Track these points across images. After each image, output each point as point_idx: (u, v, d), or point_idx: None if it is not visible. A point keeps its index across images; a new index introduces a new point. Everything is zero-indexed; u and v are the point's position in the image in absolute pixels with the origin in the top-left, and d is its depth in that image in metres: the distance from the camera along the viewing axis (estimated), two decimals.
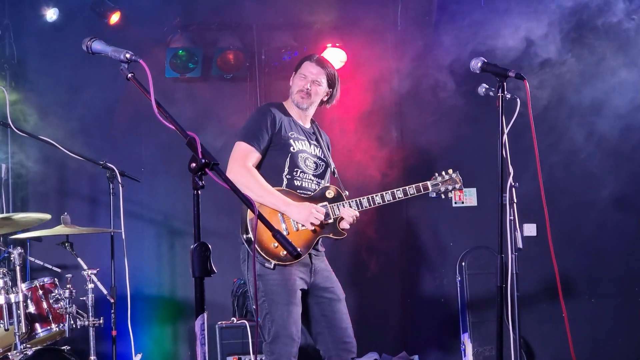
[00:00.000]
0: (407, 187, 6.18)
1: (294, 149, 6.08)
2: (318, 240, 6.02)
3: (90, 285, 7.00)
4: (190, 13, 9.30)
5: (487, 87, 5.64)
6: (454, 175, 6.33)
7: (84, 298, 6.99)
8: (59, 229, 7.08)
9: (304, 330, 6.01)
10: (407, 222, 9.50)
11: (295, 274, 5.87)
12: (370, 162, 9.13)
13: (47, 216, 7.26)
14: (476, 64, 5.52)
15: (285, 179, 6.01)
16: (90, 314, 6.97)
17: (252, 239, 5.74)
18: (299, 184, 6.05)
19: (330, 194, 6.09)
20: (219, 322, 7.92)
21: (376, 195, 6.12)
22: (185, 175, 3.72)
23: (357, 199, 6.09)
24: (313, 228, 5.90)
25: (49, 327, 6.77)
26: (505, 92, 5.39)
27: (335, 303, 6.06)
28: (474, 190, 9.40)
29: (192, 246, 3.64)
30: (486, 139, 8.52)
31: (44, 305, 6.78)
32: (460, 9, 9.26)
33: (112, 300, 7.66)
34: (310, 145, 6.25)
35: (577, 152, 9.27)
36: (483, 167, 8.84)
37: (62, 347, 6.72)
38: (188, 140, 3.67)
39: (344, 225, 6.07)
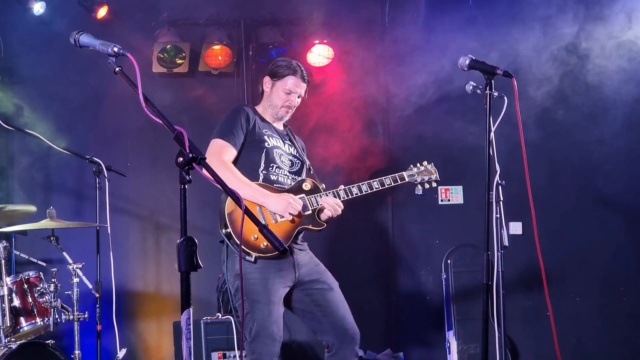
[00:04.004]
0: (383, 178, 6.21)
1: (268, 144, 6.11)
2: (298, 232, 6.01)
3: (76, 280, 7.00)
4: (177, 8, 9.28)
5: (475, 84, 5.64)
6: (429, 167, 6.38)
7: (69, 292, 6.99)
8: (45, 223, 7.07)
9: (288, 326, 6.01)
10: (393, 220, 9.50)
11: (275, 272, 5.87)
12: (356, 159, 9.13)
13: (32, 208, 7.25)
14: (464, 61, 5.52)
15: (261, 174, 6.04)
16: (75, 309, 6.97)
17: (232, 234, 5.75)
18: (275, 179, 6.08)
19: (307, 186, 6.11)
20: (204, 318, 7.90)
21: (353, 186, 6.13)
22: (171, 169, 3.72)
23: (334, 190, 6.10)
24: (292, 218, 5.90)
25: (33, 321, 6.77)
26: (493, 90, 5.40)
27: (327, 292, 6.06)
28: (460, 188, 9.41)
29: (178, 241, 3.64)
30: (473, 136, 8.58)
31: (29, 299, 6.78)
32: (448, 7, 9.28)
33: (97, 295, 7.65)
34: (284, 144, 6.28)
35: (564, 151, 9.30)
36: (469, 165, 8.89)
37: (47, 341, 6.72)
38: (175, 134, 3.66)
39: (325, 215, 6.07)
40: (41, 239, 7.40)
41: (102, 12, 8.93)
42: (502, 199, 5.41)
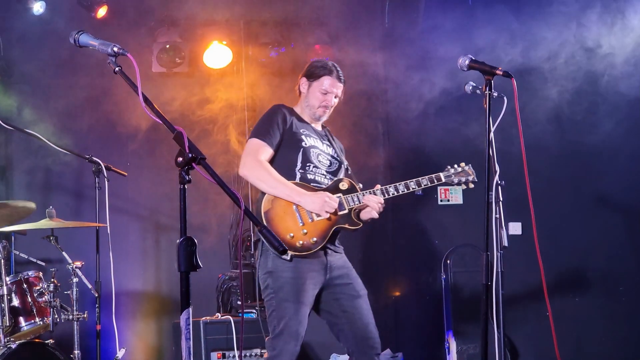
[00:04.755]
0: (420, 179, 6.18)
1: (305, 144, 6.12)
2: (334, 231, 6.03)
3: (75, 280, 6.99)
4: (177, 8, 9.27)
5: (475, 84, 5.63)
6: (466, 168, 6.32)
7: (69, 292, 6.98)
8: (44, 223, 7.07)
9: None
10: (393, 220, 9.49)
11: (307, 272, 5.90)
12: (357, 158, 9.12)
13: (32, 204, 7.25)
14: (464, 61, 5.51)
15: (298, 173, 6.05)
16: (75, 308, 6.96)
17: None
18: (312, 178, 6.09)
19: (344, 186, 6.11)
20: (204, 318, 7.90)
21: (390, 186, 6.13)
22: (171, 169, 3.72)
23: (371, 190, 6.11)
24: (328, 216, 5.91)
25: (33, 321, 6.78)
26: (493, 90, 5.39)
27: (355, 299, 6.07)
28: (459, 189, 9.40)
29: (177, 240, 3.63)
30: (473, 137, 8.58)
31: (28, 298, 6.78)
32: (448, 6, 9.28)
33: (96, 295, 7.64)
34: (322, 144, 6.29)
35: (563, 151, 9.31)
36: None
37: (46, 341, 6.72)
38: (175, 134, 3.66)
39: (368, 214, 6.10)
40: (41, 238, 7.39)
41: (101, 11, 8.91)
42: (501, 199, 5.40)
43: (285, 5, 9.42)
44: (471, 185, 6.26)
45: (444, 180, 6.28)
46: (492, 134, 5.39)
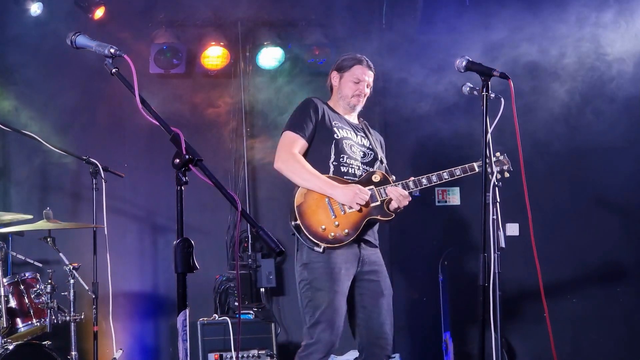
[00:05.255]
0: (453, 169, 6.26)
1: (337, 135, 6.21)
2: (367, 223, 6.10)
3: (72, 281, 6.99)
4: (175, 9, 9.27)
5: (472, 86, 5.65)
6: (501, 157, 6.30)
7: (66, 293, 6.98)
8: (41, 224, 7.07)
9: (285, 327, 6.03)
10: (390, 220, 9.48)
11: (341, 263, 5.97)
12: None
13: (29, 217, 7.27)
14: (461, 62, 5.52)
15: (332, 166, 6.15)
16: (72, 309, 6.96)
17: (300, 226, 5.90)
18: (346, 170, 6.18)
19: (376, 178, 6.18)
20: (201, 319, 7.90)
21: (422, 178, 6.20)
22: (168, 171, 3.71)
23: (403, 182, 6.17)
24: (359, 208, 5.98)
25: (30, 322, 6.77)
26: (490, 92, 5.40)
27: (377, 296, 6.16)
28: (457, 190, 9.43)
29: (174, 242, 3.63)
30: (470, 137, 8.58)
31: (26, 300, 6.77)
32: (445, 8, 9.28)
33: (93, 296, 7.63)
34: (357, 136, 6.37)
35: (560, 153, 9.31)
36: None
37: (43, 342, 6.72)
38: (172, 136, 3.66)
39: (392, 206, 6.16)
40: (38, 240, 7.38)
41: (99, 13, 8.92)
42: (499, 200, 5.41)
43: (283, 7, 9.43)
44: (506, 175, 6.24)
45: (477, 170, 6.29)
46: (489, 135, 5.39)
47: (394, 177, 6.22)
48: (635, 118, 9.32)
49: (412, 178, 6.19)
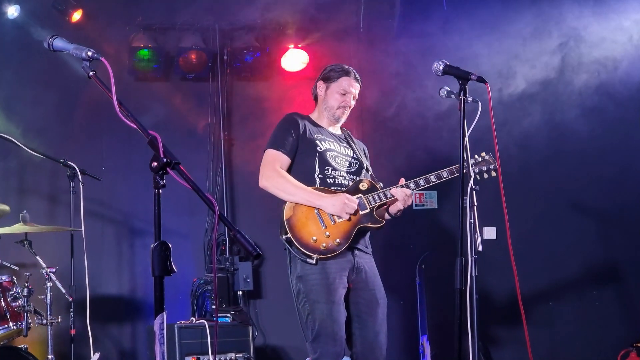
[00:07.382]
0: (440, 172, 6.27)
1: (320, 148, 6.21)
2: (358, 231, 6.09)
3: (49, 284, 6.97)
4: (152, 12, 9.26)
5: (449, 89, 5.66)
6: (487, 157, 6.31)
7: (43, 296, 6.97)
8: (18, 227, 7.05)
9: (262, 330, 6.02)
10: None
11: (335, 272, 5.97)
12: None
13: (6, 207, 7.23)
14: (438, 66, 5.53)
15: (317, 179, 6.15)
16: (49, 313, 6.94)
17: (292, 239, 5.89)
18: (332, 181, 6.18)
19: (364, 186, 6.20)
20: (178, 322, 7.89)
21: (410, 182, 6.22)
22: (146, 174, 3.71)
23: (397, 186, 6.19)
24: (348, 217, 5.98)
25: (6, 326, 6.73)
26: (467, 95, 5.41)
27: (373, 306, 6.23)
28: (434, 193, 9.44)
29: (152, 245, 3.63)
30: (447, 141, 8.61)
31: (2, 303, 6.74)
32: (423, 11, 9.31)
33: (70, 299, 7.61)
34: (340, 147, 6.38)
35: (538, 156, 9.35)
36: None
37: (20, 346, 6.69)
38: (149, 139, 3.66)
39: (396, 207, 6.23)
40: (14, 243, 7.37)
41: (76, 15, 8.90)
42: (476, 204, 5.42)
43: (261, 9, 9.40)
44: (493, 174, 6.25)
45: (473, 175, 6.30)
46: (466, 139, 5.41)
47: (381, 184, 6.24)
48: (610, 122, 9.35)
49: (403, 180, 6.22)
